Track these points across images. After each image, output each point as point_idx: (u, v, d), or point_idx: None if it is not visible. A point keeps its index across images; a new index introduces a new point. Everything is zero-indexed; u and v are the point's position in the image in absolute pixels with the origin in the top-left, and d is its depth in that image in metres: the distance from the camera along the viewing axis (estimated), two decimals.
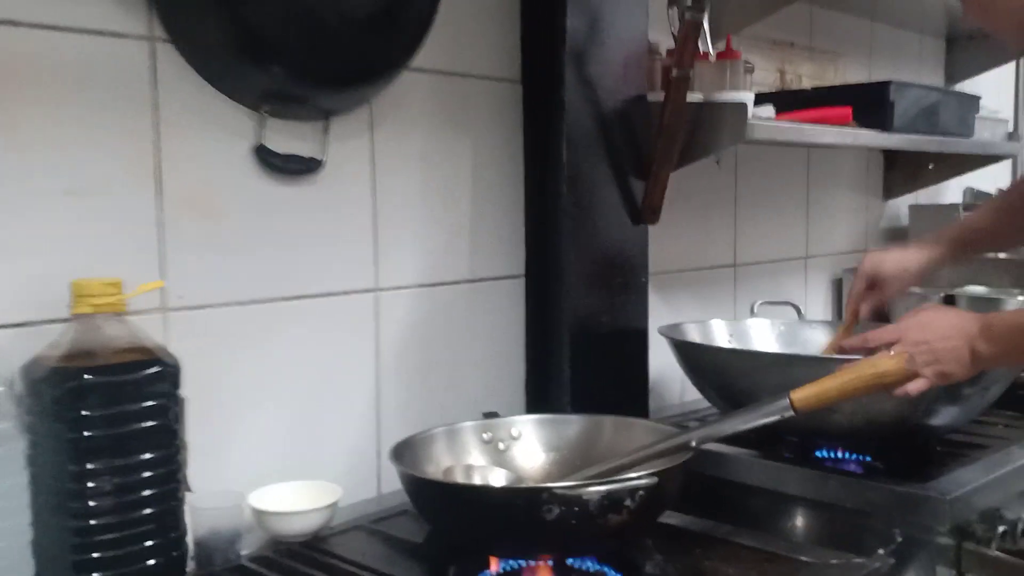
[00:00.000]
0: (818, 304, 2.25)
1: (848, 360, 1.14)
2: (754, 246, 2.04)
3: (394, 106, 1.31)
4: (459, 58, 1.40)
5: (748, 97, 1.47)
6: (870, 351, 1.13)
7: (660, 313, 1.75)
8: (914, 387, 1.10)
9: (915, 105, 1.74)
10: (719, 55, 1.74)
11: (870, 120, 1.68)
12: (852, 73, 2.27)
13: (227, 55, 1.10)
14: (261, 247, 1.19)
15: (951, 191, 2.66)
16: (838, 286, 2.27)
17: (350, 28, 1.14)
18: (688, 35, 1.38)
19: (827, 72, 2.19)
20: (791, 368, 1.28)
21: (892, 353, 1.09)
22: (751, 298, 1.99)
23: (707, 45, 1.52)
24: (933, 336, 1.11)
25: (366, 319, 1.30)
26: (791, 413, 0.99)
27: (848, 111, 1.61)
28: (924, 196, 2.54)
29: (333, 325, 1.27)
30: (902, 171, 2.40)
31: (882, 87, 1.68)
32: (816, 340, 1.67)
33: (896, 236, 2.48)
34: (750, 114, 1.47)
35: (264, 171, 1.18)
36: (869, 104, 1.68)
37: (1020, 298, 2.09)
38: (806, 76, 2.11)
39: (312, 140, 1.21)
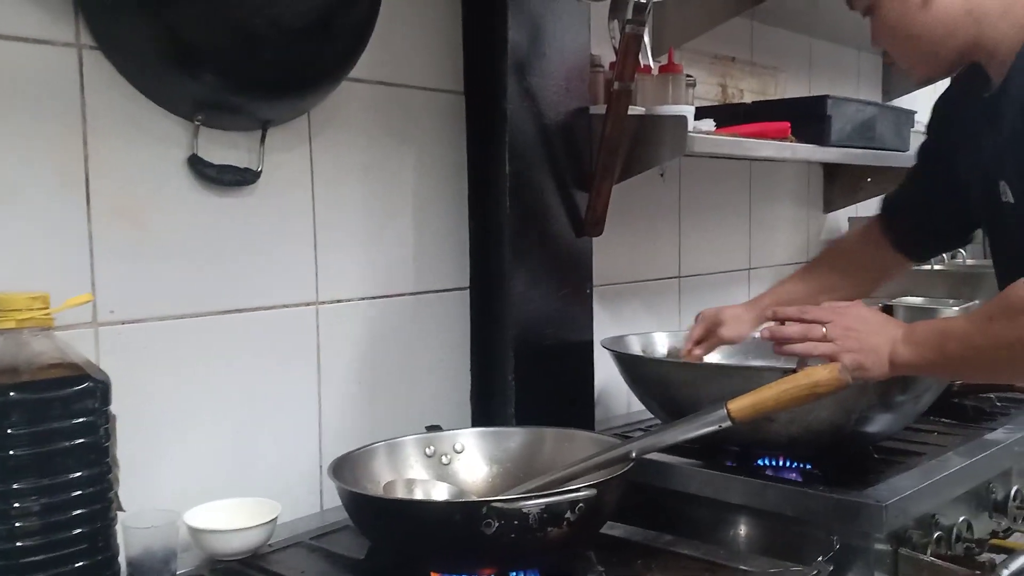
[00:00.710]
0: None
1: (786, 370, 1.15)
2: (698, 258, 2.06)
3: (333, 116, 1.30)
4: (400, 69, 1.39)
5: (689, 111, 1.48)
6: (801, 321, 1.19)
7: (605, 325, 1.75)
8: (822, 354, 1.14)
9: (852, 120, 1.78)
10: (661, 68, 1.76)
11: (808, 134, 1.71)
12: (792, 87, 2.31)
13: (158, 63, 1.08)
14: (196, 259, 1.16)
15: None
16: None
17: (285, 37, 1.12)
18: (628, 49, 1.40)
19: (768, 86, 2.23)
20: (730, 378, 1.29)
21: (823, 338, 1.14)
22: (696, 309, 2.00)
23: (648, 59, 1.54)
24: (863, 328, 1.16)
25: (307, 332, 1.28)
26: (728, 423, 1.00)
27: (786, 126, 1.64)
28: (864, 208, 2.59)
29: (272, 339, 1.25)
30: (841, 184, 2.45)
31: (819, 102, 1.72)
32: (755, 353, 1.68)
33: None
34: (691, 127, 1.48)
35: (199, 181, 1.15)
36: (807, 119, 1.71)
37: (955, 308, 2.15)
38: (747, 90, 2.15)
39: (248, 150, 1.20)
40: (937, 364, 1.15)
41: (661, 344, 1.64)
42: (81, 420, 0.93)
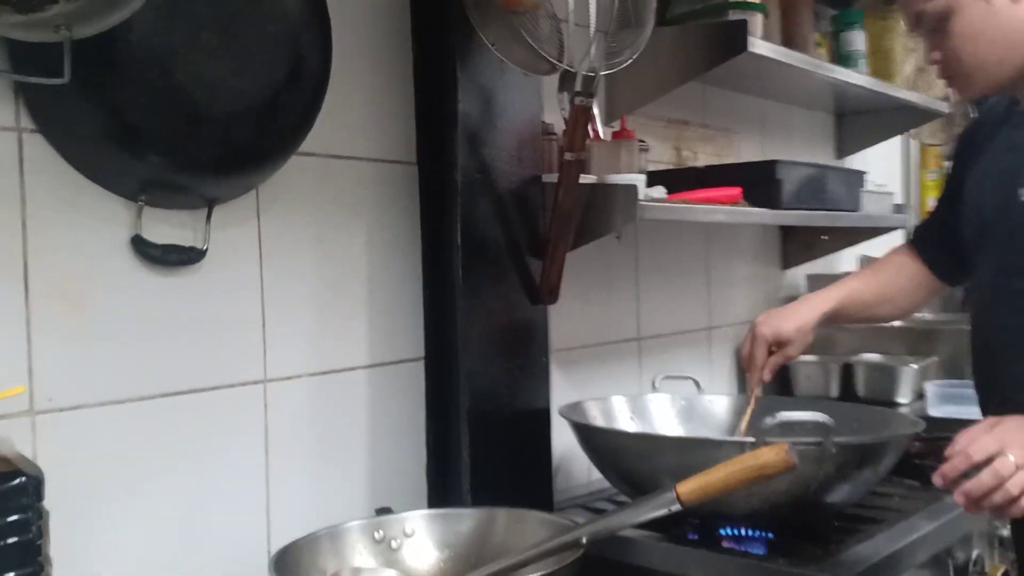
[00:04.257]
0: (723, 373, 2.28)
1: (744, 444, 1.14)
2: (657, 318, 2.06)
3: (283, 191, 1.29)
4: (352, 141, 1.39)
5: (639, 179, 1.49)
6: (976, 467, 1.01)
7: (564, 390, 1.74)
8: None
9: (802, 182, 1.80)
10: (614, 135, 1.77)
11: (760, 197, 1.72)
12: (746, 148, 2.34)
13: (101, 145, 1.07)
14: (138, 341, 1.14)
15: (846, 259, 2.76)
16: (740, 355, 2.30)
17: (230, 117, 1.11)
18: (578, 120, 1.41)
19: (722, 148, 2.25)
20: (687, 451, 1.28)
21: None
22: (656, 370, 2.00)
23: (599, 128, 1.55)
24: None
25: (254, 412, 1.25)
26: (678, 507, 0.98)
27: (738, 191, 1.65)
28: (821, 264, 2.62)
29: (218, 420, 1.21)
30: (798, 242, 2.48)
31: (770, 166, 1.74)
32: (715, 413, 1.68)
33: None
34: (642, 195, 1.49)
35: (142, 262, 1.13)
36: (758, 182, 1.73)
37: (914, 366, 2.16)
38: (702, 152, 2.17)
39: (194, 228, 1.18)
40: None
41: (620, 408, 1.62)
42: (13, 518, 0.89)
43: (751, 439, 1.20)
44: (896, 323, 2.73)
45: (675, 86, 1.86)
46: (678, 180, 1.82)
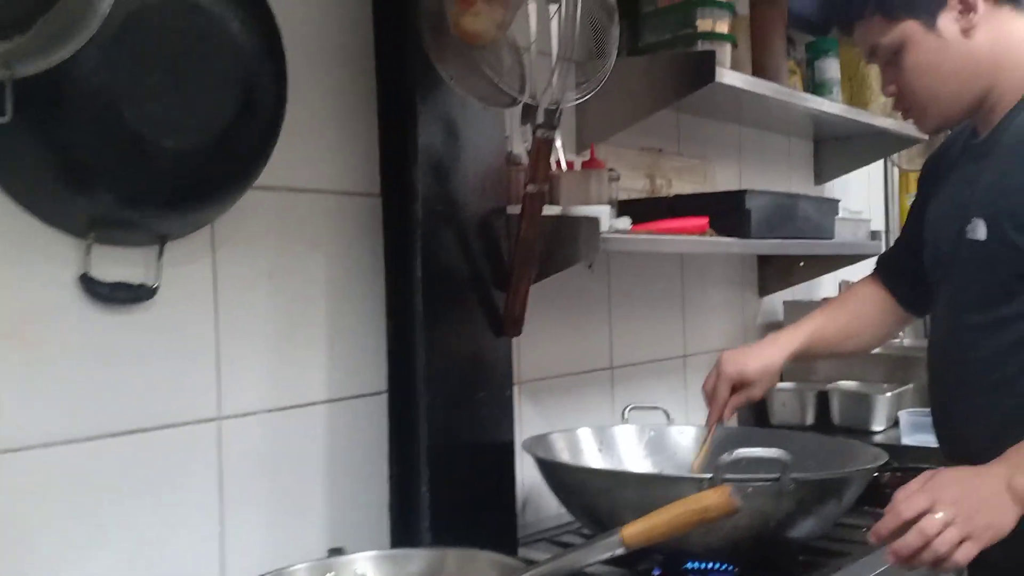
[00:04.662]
0: (699, 401, 2.24)
1: (703, 480, 1.13)
2: (631, 347, 2.05)
3: (240, 225, 1.28)
4: (313, 174, 1.38)
5: (603, 210, 1.49)
6: (907, 524, 1.02)
7: (534, 422, 1.73)
8: (963, 555, 1.01)
9: (772, 211, 1.80)
10: (583, 164, 1.77)
11: (729, 227, 1.72)
12: (722, 176, 2.34)
13: (47, 183, 1.06)
14: (88, 381, 1.12)
15: (826, 285, 2.75)
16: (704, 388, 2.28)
17: (181, 153, 1.11)
18: (540, 153, 1.40)
19: (697, 176, 2.25)
20: (647, 488, 1.27)
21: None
22: (629, 400, 1.99)
23: (562, 159, 1.54)
24: (968, 487, 1.03)
25: (207, 451, 1.24)
26: (622, 550, 0.97)
27: (705, 221, 1.65)
28: (800, 291, 2.61)
29: (170, 459, 1.20)
30: (775, 269, 2.47)
31: (739, 196, 1.73)
32: (684, 444, 1.67)
33: (773, 331, 2.52)
34: (606, 226, 1.48)
35: (91, 300, 1.12)
36: (728, 211, 1.72)
37: (888, 394, 2.15)
38: (676, 181, 2.17)
39: (145, 265, 1.17)
40: None
41: (587, 441, 1.61)
42: None
43: (708, 475, 1.19)
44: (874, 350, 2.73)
45: (645, 115, 1.86)
46: (649, 210, 1.81)
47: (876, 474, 1.49)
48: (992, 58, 1.20)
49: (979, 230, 1.18)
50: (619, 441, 1.64)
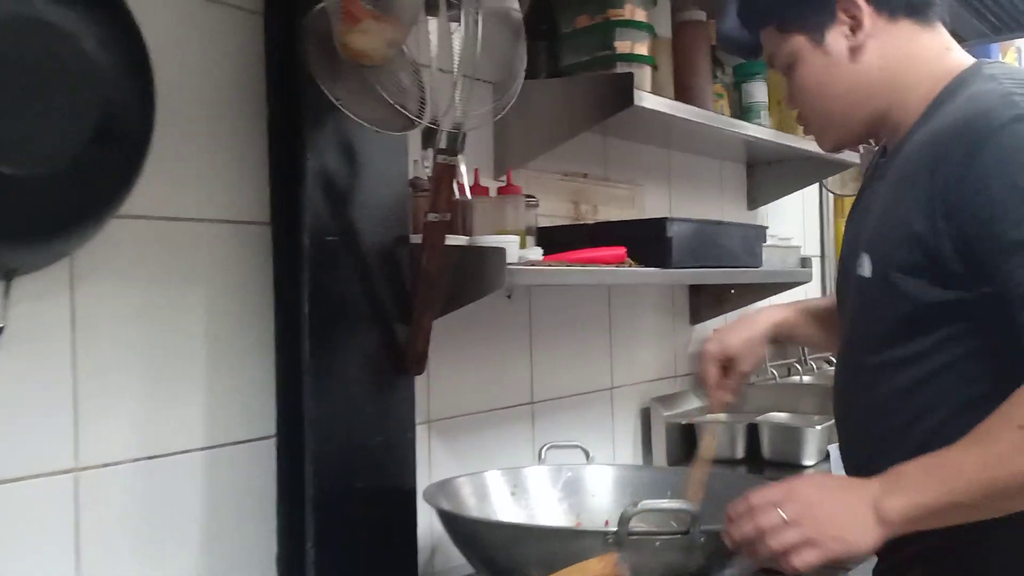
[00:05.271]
0: (627, 435, 2.19)
1: (604, 533, 1.04)
2: (553, 380, 1.96)
3: (104, 258, 1.16)
4: (193, 202, 1.27)
5: (510, 241, 1.40)
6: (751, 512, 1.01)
7: (445, 465, 1.63)
8: (801, 560, 0.97)
9: (695, 239, 1.73)
10: (500, 190, 1.69)
11: (650, 256, 1.64)
12: (652, 202, 2.28)
13: None
14: None
15: None
16: (646, 416, 2.21)
17: (29, 180, 1.00)
18: (441, 179, 1.31)
19: (625, 202, 2.18)
20: (548, 541, 1.17)
21: None
22: (552, 437, 1.90)
23: (466, 185, 1.46)
24: (827, 495, 1.00)
25: (62, 506, 1.12)
26: None
27: (622, 251, 1.57)
28: (733, 317, 2.55)
29: (18, 516, 1.08)
30: (707, 296, 2.41)
31: (659, 224, 1.66)
32: (602, 485, 1.58)
33: None
34: (515, 257, 1.40)
35: None
36: (648, 241, 1.65)
37: (819, 427, 2.09)
38: (603, 207, 2.09)
39: None
40: (942, 509, 0.95)
41: (496, 484, 1.51)
42: None
43: (613, 530, 1.10)
44: (807, 378, 2.69)
45: (565, 139, 1.78)
46: (569, 237, 1.74)
47: None
48: (886, 79, 1.12)
49: (865, 266, 1.10)
50: (532, 484, 1.54)
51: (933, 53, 1.14)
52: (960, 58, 1.15)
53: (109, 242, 1.16)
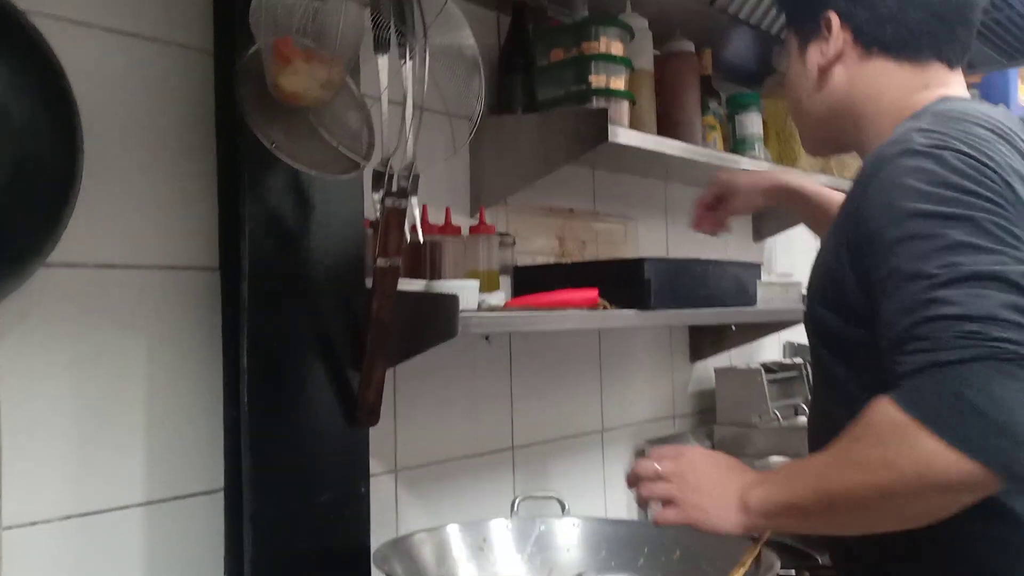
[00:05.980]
0: (620, 481, 2.09)
1: None
2: (536, 424, 1.88)
3: (32, 308, 1.13)
4: (133, 248, 1.23)
5: (466, 287, 1.34)
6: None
7: (415, 517, 1.57)
8: (662, 515, 1.07)
9: (677, 279, 1.65)
10: (471, 229, 1.63)
11: (628, 298, 1.57)
12: (646, 237, 2.20)
13: None
14: None
15: (767, 348, 2.60)
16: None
17: None
18: (390, 223, 1.26)
19: (616, 236, 2.11)
20: None
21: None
22: (534, 484, 1.83)
23: (418, 226, 1.39)
24: (707, 468, 1.07)
25: None
26: None
27: (594, 292, 1.50)
28: (736, 354, 2.46)
29: None
30: (707, 333, 2.32)
31: (637, 265, 1.58)
32: (576, 541, 1.49)
33: (707, 400, 2.37)
34: (472, 303, 1.34)
35: None
36: (626, 282, 1.58)
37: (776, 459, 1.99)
38: (591, 243, 2.03)
39: None
40: (792, 509, 0.97)
41: (457, 541, 1.43)
42: None
43: None
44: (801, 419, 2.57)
45: (544, 174, 1.72)
46: (546, 277, 1.67)
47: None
48: (846, 107, 1.13)
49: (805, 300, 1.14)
50: (498, 539, 1.46)
51: (904, 91, 1.11)
52: (932, 95, 1.09)
53: (34, 292, 1.12)
